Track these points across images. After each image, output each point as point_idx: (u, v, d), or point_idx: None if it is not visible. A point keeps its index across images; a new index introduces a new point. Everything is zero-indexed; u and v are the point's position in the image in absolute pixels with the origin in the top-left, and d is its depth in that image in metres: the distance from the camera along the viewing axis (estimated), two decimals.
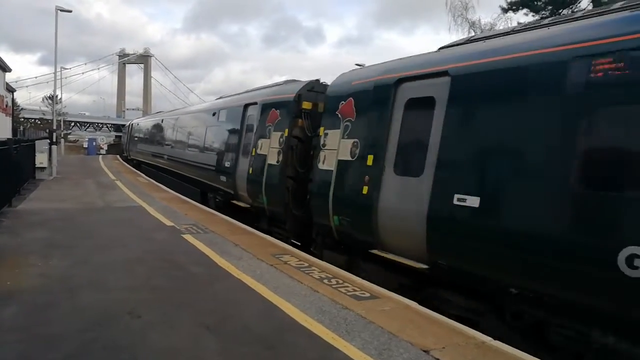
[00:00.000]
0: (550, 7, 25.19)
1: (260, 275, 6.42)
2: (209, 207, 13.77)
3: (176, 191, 16.94)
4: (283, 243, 8.62)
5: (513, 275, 5.07)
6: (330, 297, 5.61)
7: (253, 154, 11.37)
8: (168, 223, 10.20)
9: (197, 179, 16.11)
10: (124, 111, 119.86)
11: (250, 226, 10.53)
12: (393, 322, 4.87)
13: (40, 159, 20.08)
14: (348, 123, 7.97)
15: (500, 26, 27.45)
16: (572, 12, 24.39)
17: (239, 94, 14.85)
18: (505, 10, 26.54)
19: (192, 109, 20.72)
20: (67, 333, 4.38)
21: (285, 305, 5.30)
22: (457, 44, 7.04)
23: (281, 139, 10.22)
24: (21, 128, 53.08)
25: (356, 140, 7.66)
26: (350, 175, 7.62)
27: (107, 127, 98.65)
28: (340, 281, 6.30)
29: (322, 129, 8.68)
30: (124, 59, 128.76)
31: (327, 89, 9.15)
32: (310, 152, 9.44)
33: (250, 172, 11.34)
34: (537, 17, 25.85)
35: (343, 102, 8.19)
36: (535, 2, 25.08)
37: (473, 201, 5.41)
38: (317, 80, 10.47)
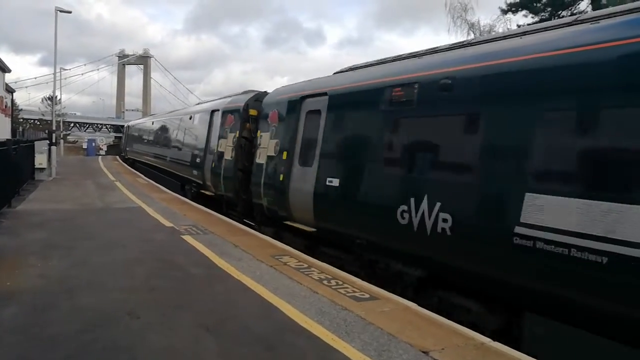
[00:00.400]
0: (549, 9, 25.23)
1: (259, 276, 6.42)
2: (186, 197, 16.09)
3: (158, 182, 19.79)
4: (282, 244, 8.65)
5: (357, 230, 7.38)
6: (329, 298, 5.61)
7: (215, 151, 13.88)
8: (167, 224, 10.20)
9: (177, 173, 18.75)
10: (123, 112, 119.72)
11: (215, 211, 12.74)
12: (392, 323, 4.86)
13: (40, 160, 20.08)
14: (274, 128, 10.43)
15: (500, 28, 27.49)
16: (572, 14, 24.46)
17: (210, 101, 17.92)
18: (504, 12, 26.57)
19: (175, 113, 23.11)
20: (67, 334, 4.38)
21: (285, 306, 5.30)
22: (341, 71, 9.59)
23: (234, 139, 12.67)
24: (20, 129, 53.07)
25: (278, 140, 10.05)
26: (274, 167, 9.97)
27: (106, 128, 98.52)
28: (340, 282, 6.29)
29: (259, 132, 11.21)
30: (123, 60, 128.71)
31: (263, 101, 11.58)
32: (252, 150, 11.66)
33: (213, 166, 13.91)
34: (536, 18, 25.89)
35: (271, 111, 10.69)
36: (535, 4, 25.12)
37: (336, 182, 7.84)
38: (265, 92, 12.57)
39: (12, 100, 46.38)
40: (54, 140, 23.10)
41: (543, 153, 4.85)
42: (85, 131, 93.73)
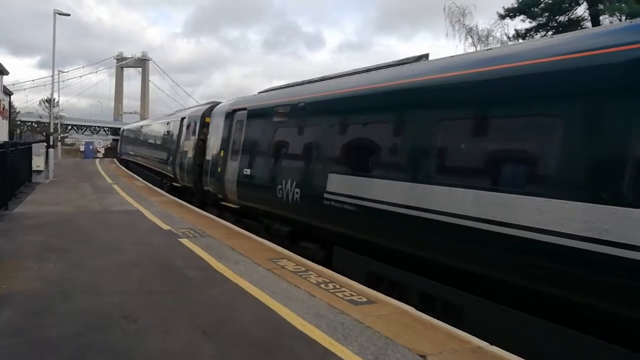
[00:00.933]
0: (547, 14, 25.34)
1: (257, 280, 6.41)
2: (163, 189, 19.24)
3: (146, 180, 22.93)
4: (280, 248, 8.65)
5: (258, 204, 10.71)
6: (327, 301, 5.61)
7: (182, 151, 17.45)
8: (165, 227, 10.18)
9: (157, 169, 22.76)
10: (121, 115, 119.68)
11: (182, 199, 15.93)
12: (390, 327, 4.86)
13: (37, 162, 20.06)
14: (217, 132, 13.77)
15: (497, 33, 27.58)
16: (569, 19, 24.53)
17: (183, 110, 23.12)
18: (502, 17, 26.71)
19: (158, 119, 27.22)
20: (63, 337, 4.36)
21: (283, 309, 5.29)
22: (263, 91, 13.25)
23: (194, 141, 15.85)
24: (18, 131, 52.94)
25: (219, 142, 13.35)
26: (215, 162, 13.29)
27: (104, 130, 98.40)
28: (338, 286, 6.29)
29: (209, 135, 14.57)
30: (121, 63, 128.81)
31: (212, 111, 14.79)
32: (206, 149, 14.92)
33: (180, 162, 17.44)
34: (534, 23, 25.98)
35: (216, 119, 14.14)
36: (532, 9, 25.23)
37: (248, 172, 11.09)
38: (218, 102, 15.73)
39: (10, 103, 46.27)
40: (51, 143, 23.07)
41: (333, 151, 8.24)
42: (82, 134, 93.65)
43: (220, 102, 15.45)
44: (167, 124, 21.43)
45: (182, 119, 18.30)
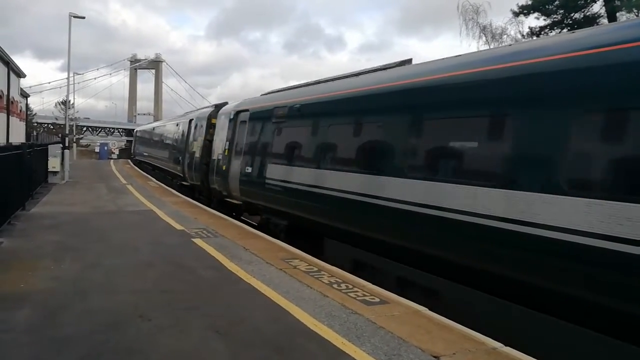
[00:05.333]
0: (561, 11, 24.99)
1: (270, 280, 6.43)
2: (174, 189, 19.77)
3: (159, 180, 23.38)
4: (293, 248, 8.65)
5: (259, 200, 11.67)
6: (340, 301, 5.60)
7: (190, 151, 18.55)
8: (178, 227, 10.26)
9: (167, 169, 24.05)
10: (135, 116, 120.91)
11: (189, 197, 16.88)
12: (403, 327, 4.84)
13: (53, 164, 20.33)
14: (222, 132, 14.66)
15: (512, 30, 27.25)
16: (584, 16, 24.16)
17: (192, 111, 23.39)
18: (516, 14, 26.40)
19: (168, 121, 28.61)
20: (79, 335, 4.42)
21: (295, 309, 5.30)
22: (265, 94, 13.75)
23: (201, 141, 16.87)
24: (34, 133, 53.76)
25: (224, 141, 14.19)
26: (220, 161, 14.20)
27: (118, 131, 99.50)
28: (350, 286, 6.28)
29: (215, 135, 15.62)
30: (135, 65, 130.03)
31: (218, 113, 15.67)
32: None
33: (188, 162, 18.53)
34: (548, 20, 25.63)
35: (221, 120, 15.04)
36: (547, 6, 24.90)
37: (249, 169, 11.99)
38: (226, 103, 16.49)
39: (27, 105, 47.03)
40: (66, 144, 23.38)
41: (269, 147, 11.17)
42: (97, 135, 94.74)
43: (226, 104, 16.19)
44: (177, 125, 22.65)
45: (190, 120, 19.29)
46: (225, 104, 16.23)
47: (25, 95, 43.86)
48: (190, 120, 19.22)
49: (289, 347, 4.36)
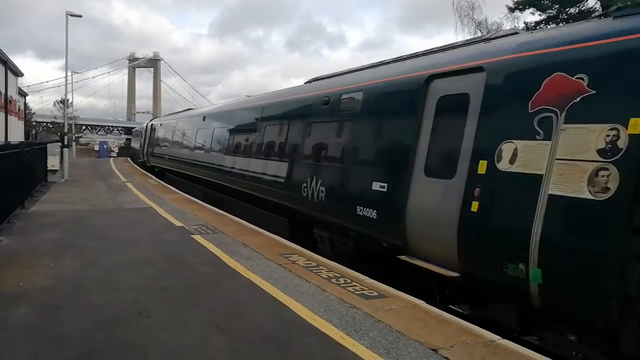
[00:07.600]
0: (556, 6, 24.90)
1: (269, 275, 6.45)
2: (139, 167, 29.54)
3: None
4: (291, 243, 8.67)
5: (164, 165, 24.12)
6: (338, 296, 5.62)
7: (142, 144, 31.64)
8: (177, 224, 10.28)
9: (135, 155, 37.92)
10: (134, 114, 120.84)
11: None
12: (401, 321, 4.86)
13: (52, 162, 20.31)
14: (147, 134, 29.73)
15: (507, 26, 27.17)
16: (579, 11, 24.07)
17: (153, 119, 33.97)
18: (512, 10, 26.29)
19: (138, 125, 38.83)
20: (78, 332, 4.44)
21: (294, 304, 5.32)
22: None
23: (145, 139, 27.76)
24: (33, 131, 53.69)
25: (147, 140, 29.82)
26: (146, 147, 29.79)
27: (117, 130, 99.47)
28: (349, 280, 6.30)
29: (151, 136, 28.98)
30: (133, 63, 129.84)
31: (151, 122, 29.28)
32: None
33: (143, 151, 29.87)
34: (543, 16, 25.53)
35: (147, 127, 30.20)
36: (542, 1, 24.80)
37: (153, 151, 26.83)
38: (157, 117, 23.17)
39: (25, 104, 46.97)
40: (66, 143, 23.36)
41: (160, 141, 25.26)
42: (97, 133, 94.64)
43: (158, 117, 25.92)
44: (140, 129, 35.20)
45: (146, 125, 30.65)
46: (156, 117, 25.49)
47: (23, 94, 43.79)
48: (146, 125, 32.18)
49: (288, 342, 4.38)
